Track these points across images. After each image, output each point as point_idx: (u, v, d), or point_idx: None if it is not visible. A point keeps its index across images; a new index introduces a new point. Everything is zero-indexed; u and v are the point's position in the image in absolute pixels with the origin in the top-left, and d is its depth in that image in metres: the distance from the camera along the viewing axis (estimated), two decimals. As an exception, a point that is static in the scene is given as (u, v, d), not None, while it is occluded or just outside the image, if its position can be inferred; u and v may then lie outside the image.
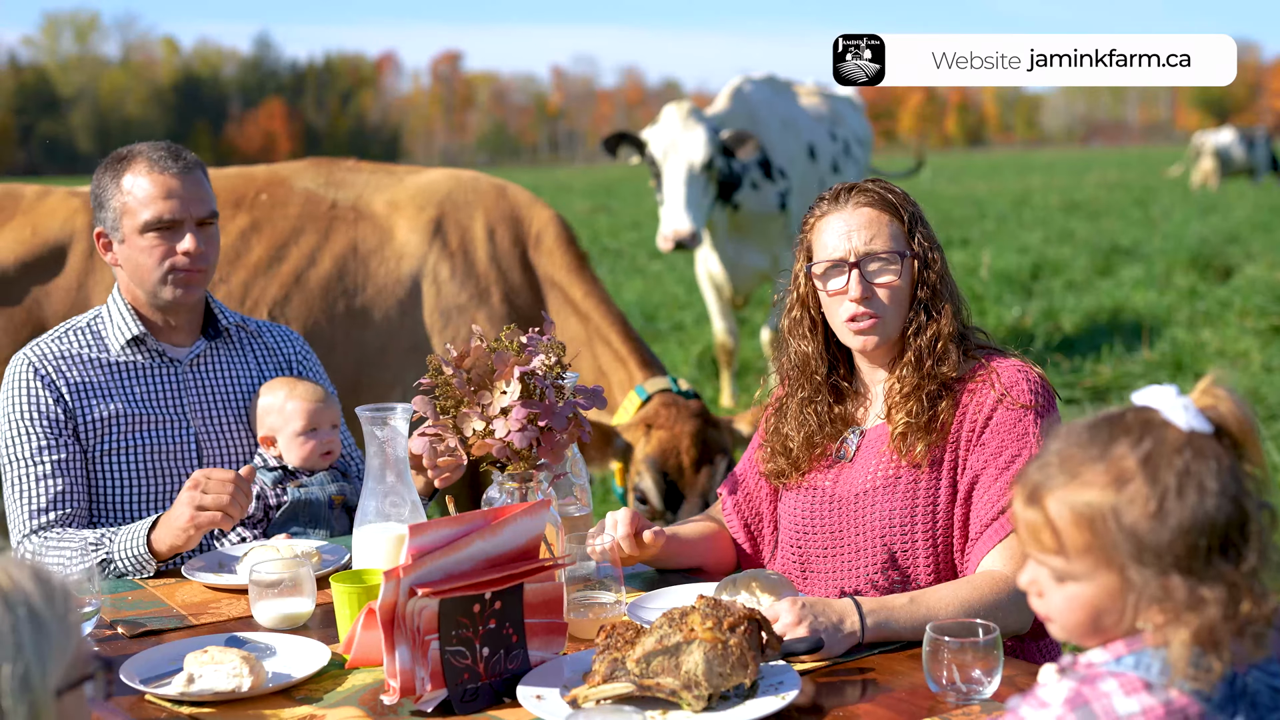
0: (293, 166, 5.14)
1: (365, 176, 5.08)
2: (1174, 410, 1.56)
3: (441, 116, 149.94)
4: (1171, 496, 1.50)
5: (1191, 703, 1.49)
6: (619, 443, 4.51)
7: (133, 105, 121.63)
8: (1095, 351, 9.89)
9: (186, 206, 3.04)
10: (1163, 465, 1.52)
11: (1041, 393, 2.52)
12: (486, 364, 2.41)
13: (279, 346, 3.30)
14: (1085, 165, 55.26)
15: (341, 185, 5.03)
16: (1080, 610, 1.56)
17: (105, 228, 3.07)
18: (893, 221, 2.56)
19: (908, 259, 2.55)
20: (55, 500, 2.96)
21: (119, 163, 3.06)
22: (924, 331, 2.54)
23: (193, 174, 3.07)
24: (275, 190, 5.00)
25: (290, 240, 4.87)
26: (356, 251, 4.87)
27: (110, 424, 3.02)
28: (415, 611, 2.05)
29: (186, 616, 2.57)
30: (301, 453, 3.11)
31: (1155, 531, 1.50)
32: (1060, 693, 1.52)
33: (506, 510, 2.18)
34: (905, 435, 2.52)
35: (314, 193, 4.99)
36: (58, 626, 1.44)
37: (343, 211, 4.94)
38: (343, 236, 4.89)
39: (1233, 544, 1.51)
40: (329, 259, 4.85)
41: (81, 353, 3.06)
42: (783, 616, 2.21)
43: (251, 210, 4.92)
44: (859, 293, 2.52)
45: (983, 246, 17.74)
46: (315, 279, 4.82)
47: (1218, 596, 1.49)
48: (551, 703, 2.03)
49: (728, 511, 2.83)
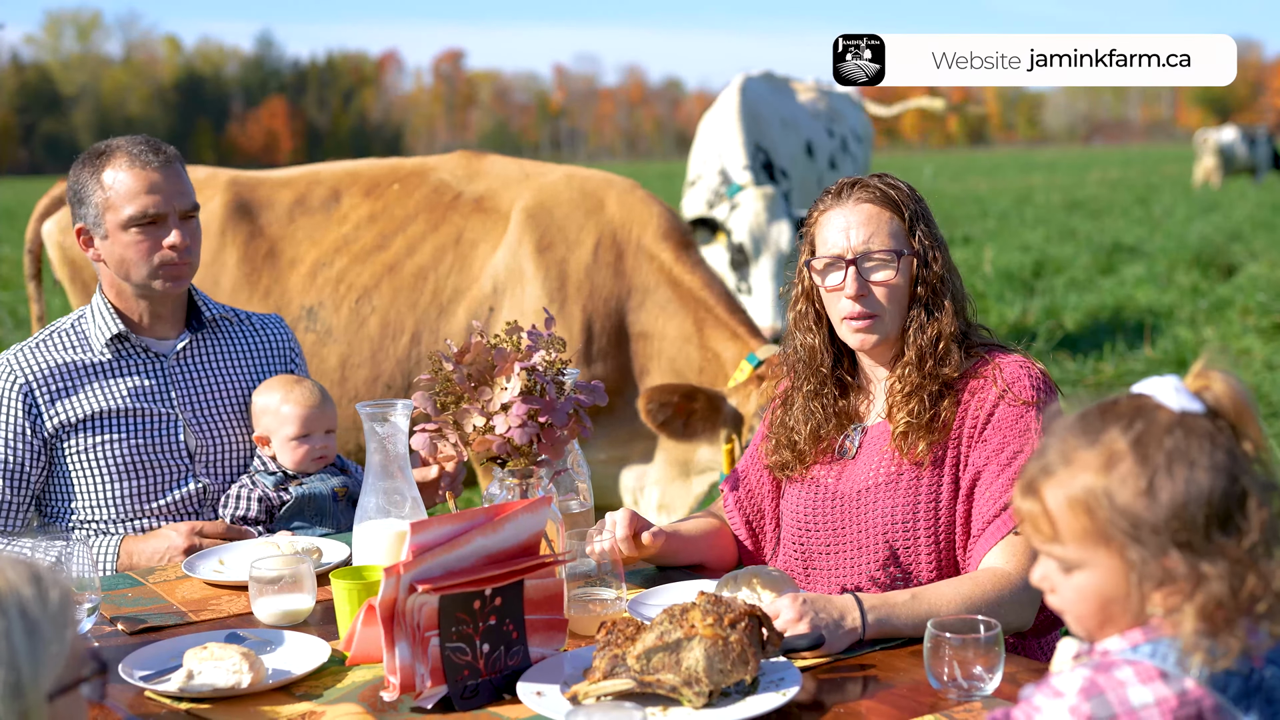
0: (440, 159, 5.19)
1: (500, 169, 5.08)
2: (1165, 393, 1.57)
3: (443, 115, 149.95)
4: (1161, 474, 1.51)
5: (1206, 694, 1.49)
6: (727, 409, 4.44)
7: (135, 104, 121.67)
8: (1097, 349, 9.89)
9: (170, 200, 3.03)
10: (1152, 445, 1.53)
11: (1043, 389, 2.51)
12: (487, 360, 2.40)
13: (266, 336, 3.30)
14: (1087, 164, 55.30)
15: (476, 178, 5.04)
16: (1089, 599, 1.57)
17: (86, 223, 3.06)
18: (893, 219, 2.54)
19: (906, 257, 2.53)
20: (8, 516, 2.99)
21: (97, 158, 3.04)
22: (925, 331, 2.53)
23: (173, 167, 3.06)
24: (409, 180, 5.05)
25: (399, 229, 4.91)
26: (458, 243, 4.87)
27: (96, 421, 3.01)
28: (415, 608, 2.04)
29: (186, 613, 2.56)
30: (295, 457, 3.10)
31: (1148, 509, 1.51)
32: (1075, 681, 1.51)
33: (507, 507, 2.18)
34: (906, 434, 2.51)
35: (445, 184, 5.01)
36: (52, 630, 1.42)
37: (463, 204, 4.95)
38: (450, 228, 4.90)
39: (1232, 520, 1.51)
40: (429, 249, 4.86)
41: (64, 355, 3.05)
42: (784, 613, 2.20)
43: (378, 199, 4.98)
44: (855, 290, 2.52)
45: (985, 245, 17.74)
46: (410, 268, 4.83)
47: (1220, 572, 1.50)
48: (552, 699, 2.03)
49: (729, 508, 2.82)
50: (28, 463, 2.99)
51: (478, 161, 5.14)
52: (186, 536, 2.92)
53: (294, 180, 5.15)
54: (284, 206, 5.03)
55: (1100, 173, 44.02)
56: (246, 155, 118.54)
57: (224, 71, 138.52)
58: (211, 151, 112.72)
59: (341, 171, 5.18)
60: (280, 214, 5.01)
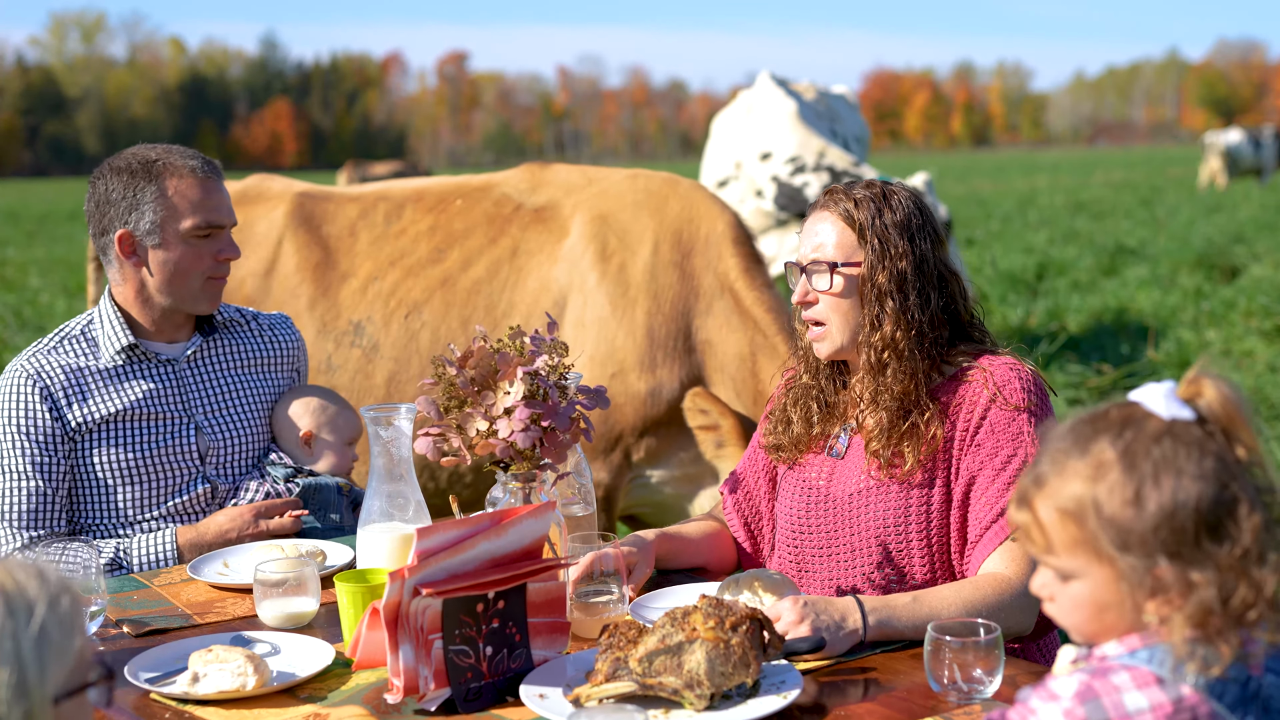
0: (506, 173, 5.07)
1: (563, 178, 4.95)
2: (1155, 401, 1.58)
3: (447, 116, 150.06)
4: (1148, 483, 1.51)
5: (1202, 701, 1.49)
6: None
7: (139, 105, 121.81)
8: (1100, 352, 9.89)
9: (227, 214, 3.12)
10: (1140, 454, 1.53)
11: (1034, 391, 2.52)
12: (490, 364, 2.42)
13: (275, 337, 3.33)
14: (1091, 165, 55.24)
15: (539, 189, 4.91)
16: (1084, 608, 1.58)
17: (136, 231, 3.07)
18: (846, 230, 2.57)
19: (844, 269, 2.55)
20: (47, 514, 3.00)
21: (151, 165, 3.06)
22: (870, 342, 2.55)
23: (222, 181, 3.15)
24: (472, 195, 4.95)
25: (456, 243, 4.81)
26: (514, 256, 4.74)
27: (107, 426, 3.03)
28: (419, 611, 2.06)
29: (191, 616, 2.58)
30: (338, 459, 3.19)
31: (1136, 518, 1.51)
32: (1071, 685, 1.52)
33: (512, 512, 2.19)
34: (879, 448, 2.53)
35: (507, 197, 4.90)
36: (59, 633, 1.43)
37: (522, 216, 4.82)
38: (508, 240, 4.78)
39: (1223, 527, 1.51)
40: (484, 262, 4.75)
41: (75, 360, 3.07)
42: (785, 616, 2.21)
43: (440, 214, 4.91)
44: (800, 296, 2.61)
45: (988, 246, 17.73)
46: (465, 281, 4.73)
47: (1209, 580, 1.50)
48: (554, 701, 2.04)
49: (728, 510, 2.84)
50: (61, 460, 3.01)
51: (542, 172, 4.99)
52: (253, 523, 2.99)
53: (363, 196, 5.07)
54: (347, 220, 4.94)
55: (1104, 174, 43.98)
56: (250, 157, 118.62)
57: (228, 73, 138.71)
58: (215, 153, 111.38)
59: (410, 188, 5.08)
60: (341, 227, 4.93)
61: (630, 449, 4.55)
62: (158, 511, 3.06)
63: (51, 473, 3.00)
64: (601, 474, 4.55)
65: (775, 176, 7.90)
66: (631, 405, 4.49)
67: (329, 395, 3.27)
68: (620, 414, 4.50)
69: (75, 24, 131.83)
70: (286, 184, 5.13)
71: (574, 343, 4.56)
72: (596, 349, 4.53)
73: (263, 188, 5.09)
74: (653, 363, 4.52)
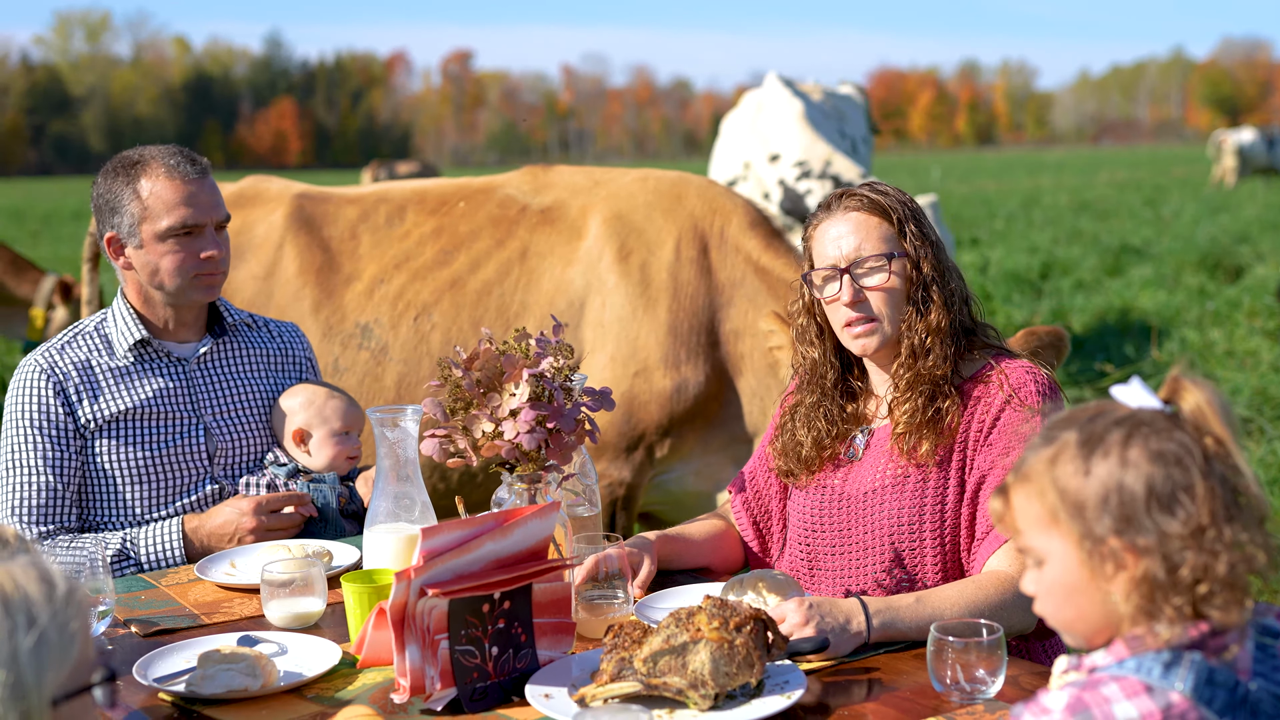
0: (507, 175, 5.08)
1: (567, 180, 4.95)
2: (1126, 394, 1.64)
3: (452, 115, 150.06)
4: (1098, 455, 1.57)
5: (1191, 707, 1.50)
6: None
7: (144, 104, 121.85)
8: (1104, 352, 9.88)
9: (207, 212, 3.08)
10: (1098, 434, 1.59)
11: (1049, 394, 2.54)
12: (495, 366, 2.43)
13: (285, 343, 3.34)
14: (1095, 164, 55.15)
15: (543, 190, 4.91)
16: (1056, 592, 1.62)
17: (119, 233, 3.09)
18: (882, 223, 2.59)
19: (898, 259, 2.57)
20: (58, 509, 3.01)
21: (131, 167, 3.07)
22: (915, 328, 2.57)
23: (208, 178, 3.11)
24: (475, 197, 4.94)
25: (462, 245, 4.80)
26: (525, 257, 4.73)
27: (118, 423, 3.04)
28: (425, 611, 2.07)
29: (199, 615, 2.59)
30: (332, 453, 3.16)
31: (1084, 486, 1.57)
32: (1061, 699, 1.54)
33: (518, 513, 2.20)
34: (906, 434, 2.55)
35: (511, 199, 4.90)
36: (58, 635, 1.42)
37: (529, 217, 4.82)
38: (516, 241, 4.77)
39: (1176, 502, 1.54)
40: (494, 264, 4.74)
41: (90, 357, 3.09)
42: (789, 616, 2.23)
43: (444, 216, 4.89)
44: (850, 297, 2.57)
45: (992, 246, 17.72)
46: (474, 283, 4.72)
47: (1153, 546, 1.54)
48: (559, 701, 2.05)
49: (737, 509, 2.85)
50: (74, 455, 3.03)
51: (544, 174, 5.01)
52: (253, 516, 2.97)
53: (362, 197, 5.06)
54: (347, 222, 4.93)
55: (1109, 174, 43.92)
56: (255, 156, 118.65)
57: (232, 72, 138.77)
58: (220, 152, 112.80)
59: (410, 190, 5.08)
60: (342, 229, 4.91)
61: (654, 446, 4.57)
62: (166, 511, 3.07)
63: (63, 468, 3.01)
64: (624, 472, 4.56)
65: (782, 180, 7.91)
66: (656, 403, 4.51)
67: (316, 388, 3.23)
68: (645, 412, 4.51)
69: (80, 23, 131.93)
70: (284, 185, 5.13)
71: (594, 343, 4.58)
72: (618, 349, 4.55)
73: (260, 189, 5.08)
74: (677, 360, 4.54)
